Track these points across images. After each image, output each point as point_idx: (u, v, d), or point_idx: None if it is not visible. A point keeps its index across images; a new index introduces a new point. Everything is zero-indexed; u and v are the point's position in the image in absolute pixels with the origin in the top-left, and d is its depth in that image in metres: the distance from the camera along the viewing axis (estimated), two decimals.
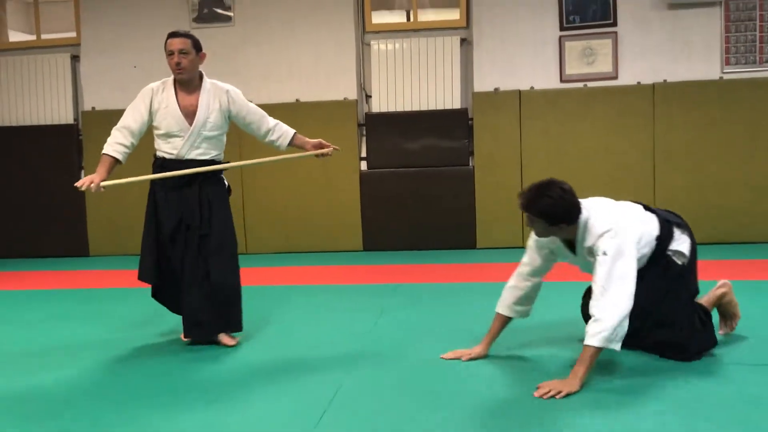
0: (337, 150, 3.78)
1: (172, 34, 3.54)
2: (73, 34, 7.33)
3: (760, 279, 4.90)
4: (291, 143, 3.75)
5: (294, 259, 6.59)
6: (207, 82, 3.62)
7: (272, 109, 6.81)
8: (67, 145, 7.23)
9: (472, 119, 6.73)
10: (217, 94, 3.61)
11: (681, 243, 3.14)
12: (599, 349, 2.76)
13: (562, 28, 6.59)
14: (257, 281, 5.59)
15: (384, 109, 6.84)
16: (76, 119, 7.29)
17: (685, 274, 3.14)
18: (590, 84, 6.58)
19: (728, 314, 3.40)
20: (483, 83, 6.71)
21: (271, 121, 3.75)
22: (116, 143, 3.47)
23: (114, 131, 3.51)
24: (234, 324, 3.63)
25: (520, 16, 6.63)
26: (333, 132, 6.81)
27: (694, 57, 6.48)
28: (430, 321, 3.96)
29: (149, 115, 3.52)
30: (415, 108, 6.80)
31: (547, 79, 6.63)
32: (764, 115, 6.37)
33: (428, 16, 7.24)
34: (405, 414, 2.57)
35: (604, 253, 2.83)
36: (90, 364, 3.38)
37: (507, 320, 3.22)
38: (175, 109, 3.51)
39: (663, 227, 3.10)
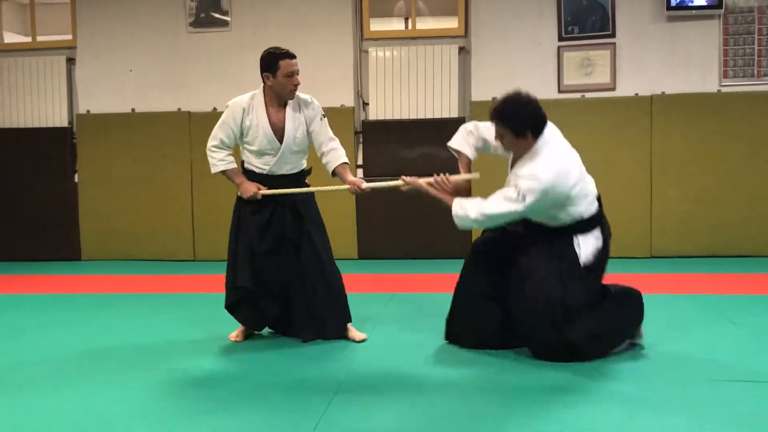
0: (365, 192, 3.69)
1: (290, 55, 3.51)
2: (69, 37, 7.29)
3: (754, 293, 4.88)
4: (334, 172, 3.76)
5: None
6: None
7: None
8: (60, 148, 7.18)
9: None
10: (300, 107, 3.66)
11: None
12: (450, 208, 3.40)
13: (560, 39, 6.59)
14: None
15: (381, 117, 6.81)
16: (70, 122, 7.23)
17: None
18: (588, 95, 6.57)
19: None
20: (480, 92, 6.70)
21: (331, 144, 3.76)
22: (224, 157, 3.62)
23: (213, 150, 3.62)
24: (348, 316, 3.78)
25: (519, 25, 6.62)
26: None
27: (692, 70, 6.49)
28: (423, 333, 3.92)
29: (240, 132, 3.60)
30: (413, 116, 6.77)
31: (545, 89, 6.61)
32: (761, 128, 6.37)
33: (427, 24, 7.22)
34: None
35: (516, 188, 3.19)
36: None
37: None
38: (267, 128, 3.57)
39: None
